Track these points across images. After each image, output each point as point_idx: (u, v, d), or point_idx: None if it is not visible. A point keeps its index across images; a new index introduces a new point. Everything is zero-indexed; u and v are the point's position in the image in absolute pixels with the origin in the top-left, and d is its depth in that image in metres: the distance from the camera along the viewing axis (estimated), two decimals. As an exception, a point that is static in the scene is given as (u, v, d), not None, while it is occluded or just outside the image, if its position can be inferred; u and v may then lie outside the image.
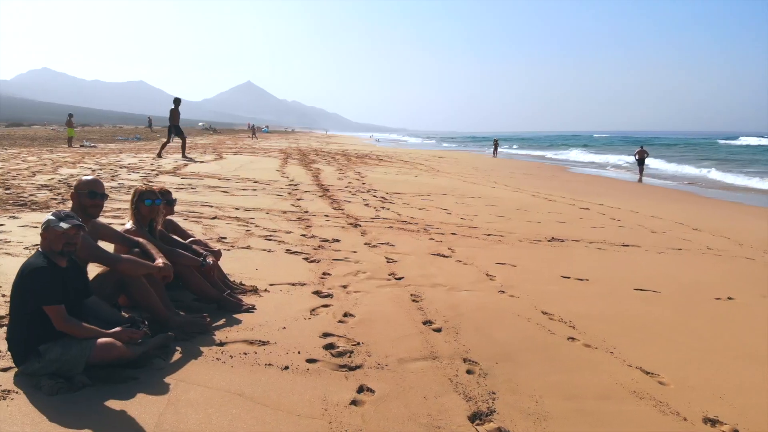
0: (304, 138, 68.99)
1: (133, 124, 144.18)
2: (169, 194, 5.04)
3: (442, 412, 3.13)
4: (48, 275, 3.12)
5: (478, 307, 5.15)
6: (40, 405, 2.87)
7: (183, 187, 11.70)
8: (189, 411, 2.93)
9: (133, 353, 3.31)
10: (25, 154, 17.97)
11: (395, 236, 8.24)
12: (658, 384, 3.72)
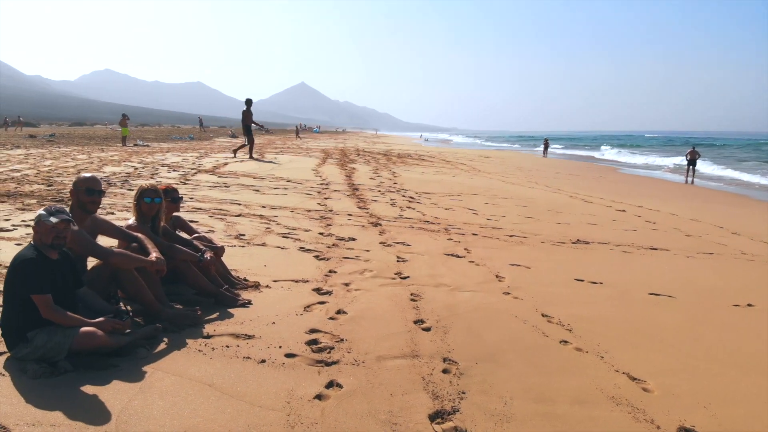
0: (353, 138, 69.53)
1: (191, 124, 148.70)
2: (174, 192, 5.23)
3: (405, 409, 3.16)
4: (36, 266, 3.32)
5: (476, 307, 5.13)
6: (22, 387, 3.06)
7: (217, 186, 12.05)
8: (156, 398, 3.06)
9: (115, 342, 3.48)
10: (77, 153, 18.87)
11: (413, 236, 8.26)
12: (641, 390, 3.63)
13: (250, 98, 19.91)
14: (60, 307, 3.39)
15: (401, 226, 9.01)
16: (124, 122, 32.97)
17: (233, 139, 43.38)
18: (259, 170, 15.41)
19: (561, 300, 5.54)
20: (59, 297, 3.44)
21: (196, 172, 14.31)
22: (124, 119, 33.19)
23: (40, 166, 14.21)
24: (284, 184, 12.85)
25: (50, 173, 12.63)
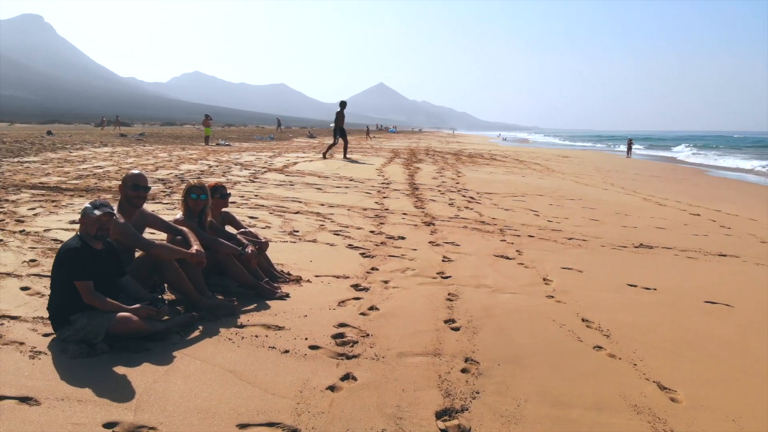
0: (428, 138, 69.52)
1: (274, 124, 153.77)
2: (223, 189, 5.49)
3: (413, 405, 3.20)
4: (79, 255, 3.63)
5: (514, 309, 5.07)
6: (60, 365, 3.36)
7: (283, 184, 12.46)
8: (179, 381, 3.27)
9: (150, 328, 3.74)
10: (159, 151, 20.01)
11: (465, 236, 8.23)
12: (668, 400, 3.49)
13: (344, 100, 20.24)
14: (101, 293, 3.68)
15: (455, 226, 8.99)
16: (207, 122, 34.57)
17: (311, 140, 44.52)
18: (325, 169, 15.78)
19: (607, 305, 5.38)
20: (101, 284, 3.73)
21: (266, 170, 14.84)
22: (207, 119, 34.79)
23: (122, 163, 15.21)
24: (346, 183, 13.10)
25: (128, 170, 13.50)
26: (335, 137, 20.03)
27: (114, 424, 2.78)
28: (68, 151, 18.62)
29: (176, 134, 44.53)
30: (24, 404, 2.88)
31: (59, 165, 14.17)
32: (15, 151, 17.30)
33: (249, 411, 3.00)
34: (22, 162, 14.73)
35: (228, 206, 5.63)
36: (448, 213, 10.12)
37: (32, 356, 3.43)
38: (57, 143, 21.99)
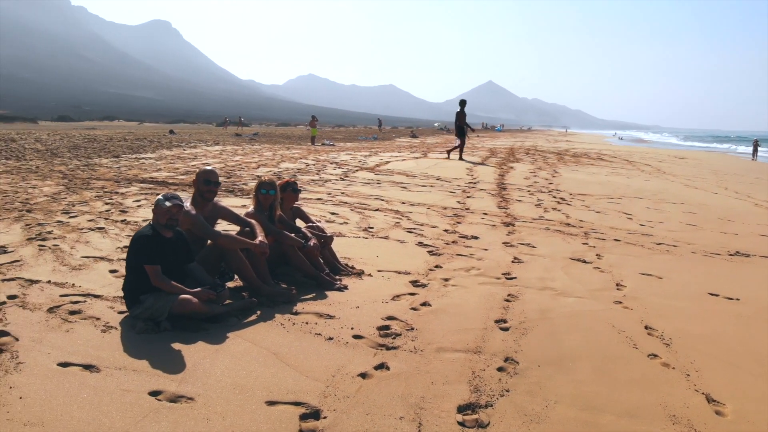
0: (535, 137, 67.68)
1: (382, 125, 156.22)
2: (294, 185, 5.82)
3: (438, 397, 3.28)
4: (149, 241, 4.05)
5: (573, 313, 4.96)
6: (126, 339, 3.79)
7: (370, 182, 12.80)
8: (224, 359, 3.57)
9: (209, 310, 4.10)
10: (265, 150, 21.14)
11: (544, 238, 8.07)
12: (712, 413, 3.31)
13: (464, 99, 19.67)
14: (167, 277, 4.08)
15: (536, 227, 8.82)
16: (313, 123, 35.97)
17: (413, 139, 44.96)
18: (414, 168, 15.97)
19: (678, 314, 5.11)
20: (169, 269, 4.14)
21: (357, 169, 15.29)
22: (313, 120, 36.20)
23: (228, 161, 16.28)
24: (432, 182, 13.20)
25: (234, 167, 14.44)
26: (460, 137, 19.52)
27: (158, 392, 3.11)
28: (182, 149, 20.20)
29: (287, 134, 46.65)
30: (86, 371, 3.30)
31: (171, 161, 15.44)
32: (135, 148, 19.04)
33: (280, 390, 3.23)
34: (139, 158, 16.20)
35: (298, 201, 5.95)
36: (533, 214, 9.93)
37: (104, 330, 3.89)
38: (174, 141, 23.91)
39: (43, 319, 3.96)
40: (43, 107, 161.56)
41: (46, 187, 10.05)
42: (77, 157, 15.97)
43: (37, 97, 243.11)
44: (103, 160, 15.08)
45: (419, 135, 57.12)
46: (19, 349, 3.47)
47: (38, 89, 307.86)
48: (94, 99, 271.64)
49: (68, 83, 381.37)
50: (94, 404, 2.91)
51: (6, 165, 13.13)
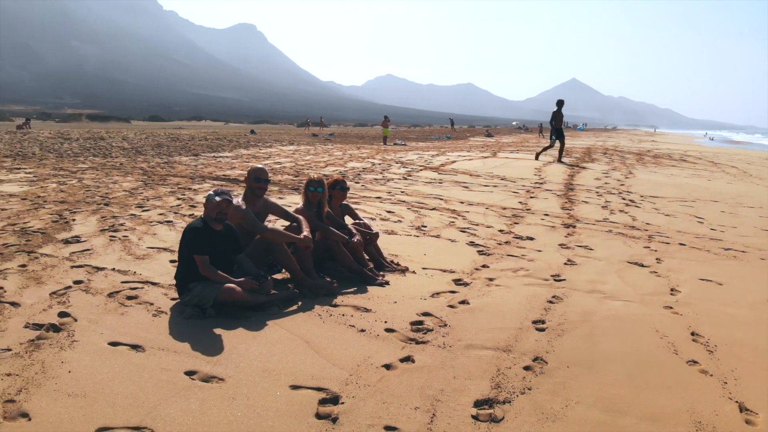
0: (618, 136, 65.06)
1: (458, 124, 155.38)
2: (343, 183, 6.02)
3: (457, 391, 3.35)
4: (199, 233, 4.35)
5: (617, 317, 4.86)
6: (173, 323, 4.09)
7: (432, 182, 12.87)
8: (259, 345, 3.80)
9: (252, 299, 4.34)
10: (336, 150, 21.62)
11: (604, 240, 7.87)
12: (742, 422, 3.19)
13: (561, 99, 18.84)
14: (216, 267, 4.36)
15: (597, 229, 8.61)
16: (386, 123, 36.33)
17: (487, 139, 44.46)
18: (480, 168, 15.86)
19: (730, 321, 4.90)
20: (217, 259, 4.42)
21: (422, 168, 15.38)
22: (386, 121, 36.57)
23: (299, 160, 16.80)
24: (496, 182, 13.09)
25: (303, 166, 14.91)
26: (551, 138, 18.72)
27: (193, 372, 3.36)
28: (258, 148, 21.02)
29: (362, 134, 47.34)
30: (132, 350, 3.61)
31: (246, 160, 16.13)
32: (214, 147, 20.00)
33: (305, 376, 3.40)
34: (217, 156, 17.02)
35: (348, 198, 6.13)
36: (597, 216, 9.68)
37: (155, 315, 4.22)
38: (252, 141, 24.89)
39: (102, 303, 4.34)
40: (137, 107, 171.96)
41: (126, 182, 10.81)
42: (159, 155, 17.00)
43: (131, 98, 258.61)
44: (182, 158, 15.97)
45: (495, 134, 56.35)
46: (76, 329, 3.83)
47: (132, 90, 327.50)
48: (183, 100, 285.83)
49: (160, 85, 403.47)
50: (133, 380, 3.20)
51: (93, 162, 14.19)
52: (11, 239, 5.95)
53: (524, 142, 37.45)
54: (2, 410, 2.79)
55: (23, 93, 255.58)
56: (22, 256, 5.34)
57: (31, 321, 3.87)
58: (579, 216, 9.56)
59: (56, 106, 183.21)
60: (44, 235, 6.22)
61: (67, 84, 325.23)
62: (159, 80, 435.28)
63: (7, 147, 16.66)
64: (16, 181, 10.25)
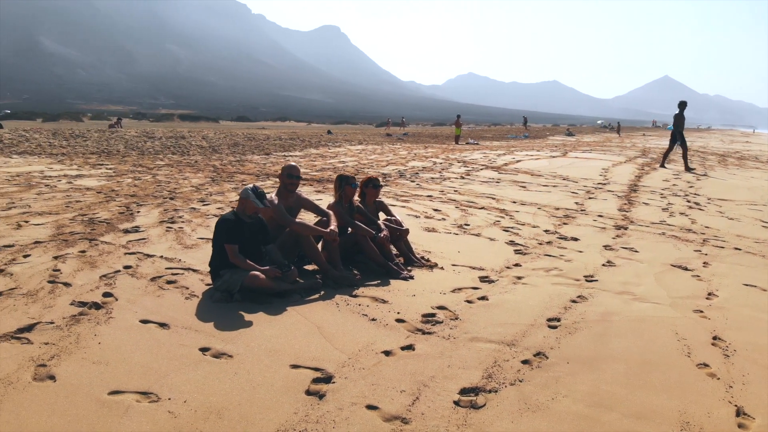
0: (710, 136, 61.31)
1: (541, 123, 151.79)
2: (376, 180, 6.26)
3: (447, 378, 3.50)
4: (230, 225, 4.72)
5: (639, 318, 4.81)
6: (201, 306, 4.48)
7: (489, 181, 12.86)
8: (273, 328, 4.11)
9: (276, 286, 4.67)
10: (402, 149, 21.89)
11: (653, 243, 7.67)
12: (734, 425, 3.14)
13: (684, 101, 17.76)
14: (245, 256, 4.72)
15: (650, 231, 8.38)
16: (458, 123, 36.31)
17: (568, 138, 43.41)
18: (544, 168, 15.63)
19: (761, 327, 4.73)
20: (247, 249, 4.79)
21: (484, 168, 15.36)
22: (458, 120, 36.55)
23: (363, 159, 17.19)
24: (556, 182, 12.89)
25: (364, 165, 15.28)
26: (671, 143, 17.56)
27: (207, 349, 3.71)
28: (328, 148, 21.64)
29: (436, 134, 47.36)
30: (159, 327, 4.01)
31: (313, 159, 16.71)
32: (286, 147, 20.79)
33: (307, 357, 3.67)
34: (287, 155, 17.72)
35: (379, 196, 6.37)
36: (654, 218, 9.40)
37: (187, 298, 4.63)
38: (324, 141, 25.60)
39: (143, 286, 4.81)
40: (225, 108, 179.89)
41: (196, 179, 11.56)
42: (234, 153, 17.92)
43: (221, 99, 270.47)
44: (254, 157, 16.77)
45: (576, 133, 54.73)
46: (115, 308, 4.29)
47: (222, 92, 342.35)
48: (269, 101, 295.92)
49: (247, 86, 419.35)
50: (152, 353, 3.59)
51: (170, 159, 15.20)
52: (78, 228, 6.62)
53: (606, 141, 36.24)
54: (34, 373, 3.24)
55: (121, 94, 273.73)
56: (84, 243, 5.95)
57: (77, 299, 4.37)
58: (634, 218, 9.33)
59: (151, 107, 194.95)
60: (108, 224, 6.87)
61: (161, 85, 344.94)
62: (247, 82, 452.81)
63: (95, 144, 18.11)
64: (96, 176, 11.22)
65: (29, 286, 4.59)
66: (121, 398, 3.02)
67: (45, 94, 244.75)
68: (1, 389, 3.04)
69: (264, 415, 2.96)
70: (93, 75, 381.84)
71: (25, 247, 5.65)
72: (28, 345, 3.56)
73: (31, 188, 9.24)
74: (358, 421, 2.97)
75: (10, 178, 10.27)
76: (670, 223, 9.11)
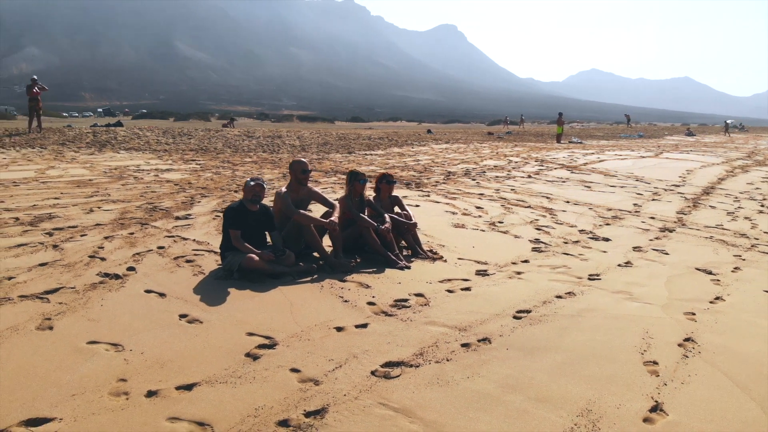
0: None
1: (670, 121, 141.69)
2: (389, 177, 6.65)
3: (379, 353, 3.83)
4: (235, 212, 5.36)
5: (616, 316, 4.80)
6: (203, 281, 5.13)
7: (555, 181, 12.72)
8: (252, 303, 4.67)
9: (270, 268, 5.24)
10: (486, 148, 21.85)
11: (691, 246, 7.43)
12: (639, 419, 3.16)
13: None
14: (249, 241, 5.34)
15: (698, 235, 8.07)
16: (561, 121, 35.27)
17: (687, 138, 40.82)
18: (624, 168, 15.08)
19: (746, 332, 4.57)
20: (250, 235, 5.40)
21: (560, 167, 15.10)
22: (560, 118, 35.51)
23: (439, 158, 17.48)
24: (625, 183, 12.48)
25: (437, 164, 15.60)
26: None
27: (185, 315, 4.34)
28: (411, 146, 22.11)
29: (541, 132, 46.23)
30: (158, 296, 4.70)
31: (389, 158, 17.25)
32: (371, 146, 21.51)
33: (265, 327, 4.19)
34: (367, 154, 18.41)
35: (393, 191, 6.75)
36: (711, 222, 8.97)
37: (195, 274, 5.32)
38: (412, 140, 26.07)
39: (164, 263, 5.58)
40: (343, 109, 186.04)
41: (269, 174, 12.50)
42: (320, 151, 18.90)
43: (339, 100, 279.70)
44: (336, 156, 17.62)
45: (697, 133, 50.98)
46: (130, 279, 5.07)
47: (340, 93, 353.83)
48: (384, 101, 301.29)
49: (365, 87, 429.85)
50: (139, 316, 4.27)
51: (258, 156, 16.40)
52: (139, 214, 7.62)
53: (725, 143, 33.65)
54: (38, 324, 4.03)
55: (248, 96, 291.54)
56: (136, 227, 6.89)
57: (104, 271, 5.20)
58: (689, 220, 8.96)
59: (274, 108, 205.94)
60: (166, 212, 7.83)
61: (285, 87, 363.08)
62: (364, 83, 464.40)
63: (197, 142, 19.87)
64: (183, 170, 12.50)
65: (71, 259, 5.51)
66: (94, 347, 3.72)
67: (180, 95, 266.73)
68: (7, 333, 3.85)
69: (198, 368, 3.51)
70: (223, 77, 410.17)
71: (85, 228, 6.67)
72: (46, 303, 4.39)
73: (119, 180, 10.58)
74: (274, 379, 3.44)
75: (108, 170, 11.77)
76: (727, 227, 8.67)
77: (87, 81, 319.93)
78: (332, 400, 3.23)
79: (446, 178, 12.59)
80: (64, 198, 8.49)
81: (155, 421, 2.94)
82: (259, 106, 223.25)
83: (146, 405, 3.08)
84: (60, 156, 13.92)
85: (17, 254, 5.54)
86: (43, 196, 8.56)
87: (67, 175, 10.82)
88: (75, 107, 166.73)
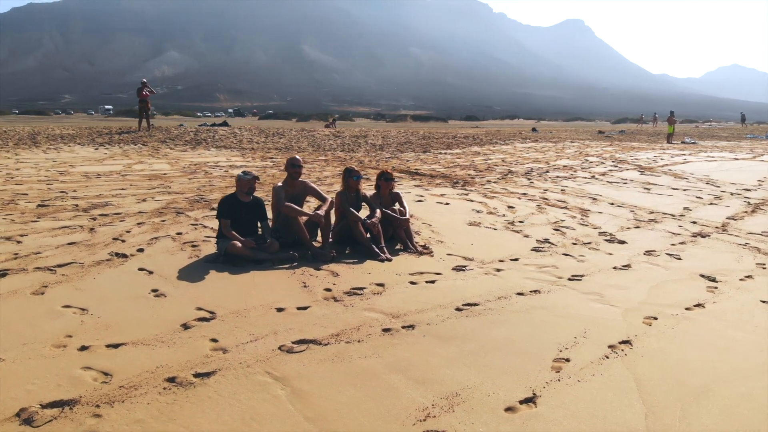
0: None
1: None
2: (388, 174, 6.98)
3: (300, 332, 4.24)
4: (227, 203, 6.00)
5: (564, 315, 4.80)
6: (193, 263, 5.78)
7: (615, 182, 12.25)
8: (220, 283, 5.25)
9: (251, 254, 5.81)
10: (573, 148, 21.16)
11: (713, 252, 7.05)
12: (505, 405, 3.33)
13: None
14: (241, 230, 5.95)
15: (731, 241, 7.59)
16: (672, 120, 33.16)
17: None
18: (705, 170, 14.08)
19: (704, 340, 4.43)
20: (243, 224, 6.02)
21: (633, 168, 14.44)
22: (671, 117, 33.38)
23: (509, 157, 17.29)
24: (690, 186, 11.73)
25: (506, 163, 15.50)
26: None
27: (156, 290, 4.98)
28: (493, 145, 21.93)
29: (658, 132, 43.48)
30: (147, 274, 5.39)
31: (458, 157, 17.29)
32: (449, 145, 21.61)
33: (213, 303, 4.71)
34: (440, 153, 18.60)
35: (394, 188, 7.07)
36: (758, 229, 8.33)
37: (190, 257, 6.00)
38: (505, 139, 25.73)
39: (171, 247, 6.33)
40: (459, 108, 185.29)
41: (328, 171, 13.19)
42: (397, 150, 19.37)
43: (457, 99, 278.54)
44: (408, 155, 18.01)
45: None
46: (133, 259, 5.85)
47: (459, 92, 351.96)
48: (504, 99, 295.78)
49: (484, 85, 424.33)
50: (118, 289, 4.99)
51: (333, 155, 17.20)
52: (182, 204, 8.54)
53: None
54: (36, 290, 4.86)
55: (368, 96, 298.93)
56: (171, 215, 7.78)
57: (116, 251, 6.05)
58: (736, 226, 8.40)
59: (392, 108, 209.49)
60: (206, 203, 8.70)
61: (404, 87, 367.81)
62: (483, 81, 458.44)
63: (285, 141, 21.11)
64: (254, 167, 13.48)
65: (97, 240, 6.44)
66: (65, 310, 4.47)
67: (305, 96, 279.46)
68: (6, 296, 4.72)
69: (135, 332, 4.13)
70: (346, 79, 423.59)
71: (127, 215, 7.66)
72: (51, 273, 5.27)
73: (190, 174, 11.75)
74: (192, 345, 3.97)
75: (186, 165, 13.06)
76: (754, 232, 8.05)
77: (222, 83, 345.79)
78: (226, 366, 3.71)
79: (501, 178, 12.57)
80: (129, 189, 9.68)
81: (71, 368, 3.57)
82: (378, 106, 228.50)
83: (74, 356, 3.74)
84: (155, 152, 15.58)
85: (55, 234, 6.57)
86: (113, 186, 9.82)
87: (149, 170, 12.18)
88: (209, 107, 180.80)
